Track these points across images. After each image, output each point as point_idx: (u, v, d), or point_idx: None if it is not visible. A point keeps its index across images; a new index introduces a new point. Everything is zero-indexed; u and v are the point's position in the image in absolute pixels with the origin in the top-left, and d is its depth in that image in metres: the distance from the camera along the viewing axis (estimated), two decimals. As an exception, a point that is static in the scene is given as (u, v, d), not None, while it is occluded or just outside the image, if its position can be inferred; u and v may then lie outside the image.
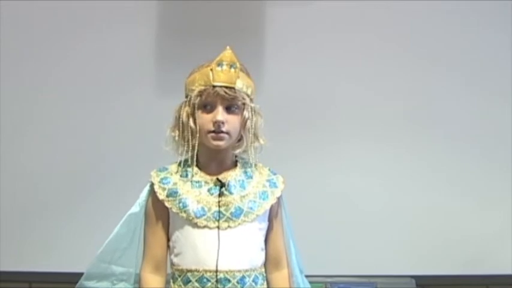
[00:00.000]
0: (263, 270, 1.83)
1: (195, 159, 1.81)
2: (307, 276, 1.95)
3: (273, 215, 1.86)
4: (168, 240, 1.82)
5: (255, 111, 1.82)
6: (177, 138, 1.82)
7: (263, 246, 1.84)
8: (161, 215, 1.82)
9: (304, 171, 2.72)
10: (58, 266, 2.73)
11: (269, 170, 1.89)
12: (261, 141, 1.83)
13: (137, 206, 1.85)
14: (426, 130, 2.85)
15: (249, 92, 1.81)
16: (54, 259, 2.76)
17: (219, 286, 1.73)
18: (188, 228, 1.77)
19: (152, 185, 1.83)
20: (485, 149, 2.85)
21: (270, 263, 1.86)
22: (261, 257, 1.83)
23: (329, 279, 2.73)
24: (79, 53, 2.82)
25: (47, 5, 2.83)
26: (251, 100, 1.82)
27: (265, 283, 1.83)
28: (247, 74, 1.83)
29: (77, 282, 1.87)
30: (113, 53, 2.81)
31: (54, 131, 2.82)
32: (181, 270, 1.77)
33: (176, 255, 1.79)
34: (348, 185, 2.80)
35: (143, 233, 1.84)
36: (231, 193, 1.79)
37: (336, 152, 2.83)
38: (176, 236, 1.79)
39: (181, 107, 1.82)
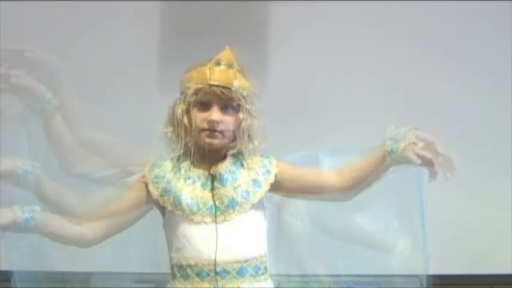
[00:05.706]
0: (265, 259, 1.82)
1: (188, 156, 1.81)
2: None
3: (286, 177, 1.85)
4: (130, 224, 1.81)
5: (249, 113, 1.81)
6: (169, 134, 1.82)
7: (264, 234, 1.84)
8: (136, 197, 1.81)
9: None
10: (61, 265, 2.73)
11: (261, 155, 1.86)
12: (256, 143, 1.82)
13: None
14: (434, 130, 2.85)
15: (245, 93, 1.81)
16: (57, 258, 2.75)
17: (218, 278, 1.74)
18: (185, 225, 1.78)
19: (143, 176, 1.83)
20: (495, 148, 2.85)
21: (321, 186, 1.85)
22: (262, 246, 1.82)
23: (332, 279, 2.72)
24: (81, 52, 2.82)
25: (48, 3, 2.83)
26: (247, 102, 1.81)
27: (267, 272, 1.82)
28: (246, 75, 1.83)
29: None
30: (116, 52, 2.83)
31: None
32: (181, 266, 1.79)
33: (176, 252, 1.80)
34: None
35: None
36: (223, 185, 1.79)
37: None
38: (174, 232, 1.80)
39: (176, 103, 1.83)
